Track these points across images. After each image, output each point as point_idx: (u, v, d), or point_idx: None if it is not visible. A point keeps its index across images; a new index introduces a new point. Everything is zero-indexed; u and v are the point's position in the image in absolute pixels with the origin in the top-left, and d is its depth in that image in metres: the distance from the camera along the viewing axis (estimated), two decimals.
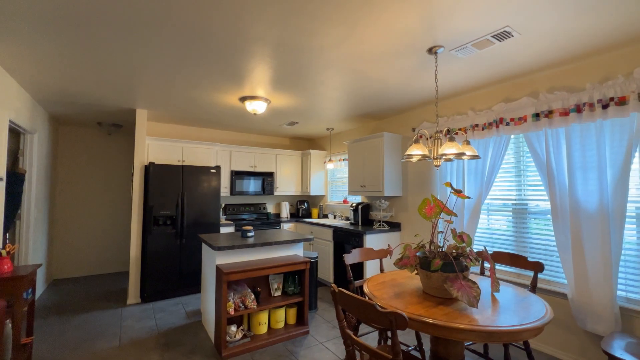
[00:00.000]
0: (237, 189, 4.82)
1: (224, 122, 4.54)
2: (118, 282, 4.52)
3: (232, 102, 3.54)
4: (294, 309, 2.96)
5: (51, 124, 4.26)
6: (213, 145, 4.56)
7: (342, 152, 5.11)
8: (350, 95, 3.28)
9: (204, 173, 4.12)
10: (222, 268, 2.55)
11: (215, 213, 4.19)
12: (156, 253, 3.75)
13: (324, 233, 4.40)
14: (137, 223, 3.77)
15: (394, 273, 2.29)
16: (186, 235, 3.95)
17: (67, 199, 4.80)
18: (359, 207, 4.29)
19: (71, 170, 4.85)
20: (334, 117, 4.23)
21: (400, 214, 3.98)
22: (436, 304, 1.67)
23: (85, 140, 4.97)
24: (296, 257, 2.99)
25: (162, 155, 4.19)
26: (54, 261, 4.67)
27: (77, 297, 3.90)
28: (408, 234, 3.86)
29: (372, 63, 2.47)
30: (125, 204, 5.25)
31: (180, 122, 4.62)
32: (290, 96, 3.32)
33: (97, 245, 4.99)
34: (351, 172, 4.36)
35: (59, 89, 3.11)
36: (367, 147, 4.07)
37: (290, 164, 5.44)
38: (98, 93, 3.22)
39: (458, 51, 2.21)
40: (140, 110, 3.85)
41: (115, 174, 5.19)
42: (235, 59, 2.40)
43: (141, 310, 3.46)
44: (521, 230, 2.81)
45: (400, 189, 3.95)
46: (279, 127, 4.85)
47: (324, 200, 5.53)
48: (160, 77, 2.79)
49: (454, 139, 1.97)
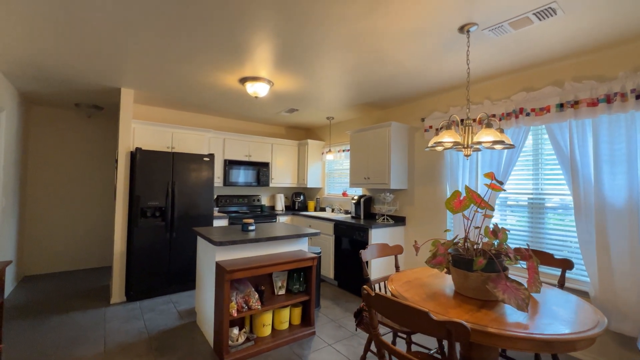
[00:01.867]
0: (230, 180, 4.52)
1: (219, 107, 4.20)
2: (99, 279, 4.15)
3: (230, 84, 3.23)
4: (299, 308, 2.75)
5: (22, 103, 3.79)
6: (206, 132, 4.23)
7: (342, 142, 4.89)
8: (358, 80, 3.05)
9: (196, 161, 3.80)
10: (224, 265, 2.29)
11: (208, 205, 3.89)
12: (143, 247, 3.43)
13: (323, 227, 4.19)
14: (121, 214, 3.42)
15: (415, 271, 2.12)
16: (177, 228, 3.64)
17: (40, 187, 4.35)
18: (362, 200, 4.10)
19: (45, 156, 4.38)
20: (336, 105, 4.00)
21: (405, 208, 3.83)
22: (477, 307, 1.50)
23: (61, 123, 4.49)
24: (302, 252, 2.77)
25: (150, 140, 3.83)
26: (24, 256, 4.22)
27: (53, 296, 3.52)
28: (413, 228, 3.71)
29: (394, 42, 2.25)
30: (106, 193, 4.83)
31: (169, 106, 4.24)
32: (295, 78, 3.06)
33: (74, 238, 4.57)
34: (353, 164, 4.15)
35: (30, 60, 2.70)
36: (372, 137, 3.87)
37: (286, 154, 5.18)
38: (77, 67, 2.84)
39: (491, 30, 2.03)
40: (126, 89, 3.47)
41: (95, 161, 4.75)
42: (239, 30, 2.12)
43: (127, 309, 3.15)
44: (537, 226, 2.71)
45: (405, 182, 3.79)
46: (277, 114, 4.57)
47: (321, 192, 5.31)
48: (150, 49, 2.46)
49: (492, 125, 1.79)
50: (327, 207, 5.01)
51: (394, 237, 3.70)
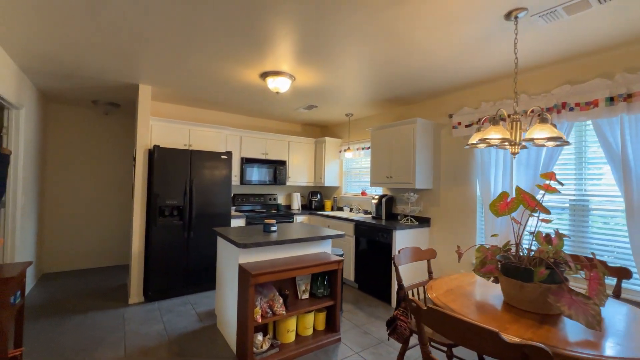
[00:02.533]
0: (247, 178, 4.43)
1: (237, 104, 4.11)
2: (116, 277, 4.12)
3: (251, 79, 3.12)
4: (323, 313, 2.63)
5: (40, 101, 3.77)
6: (223, 129, 4.14)
7: (361, 140, 4.74)
8: (383, 74, 2.89)
9: (214, 159, 3.71)
10: (248, 268, 2.18)
11: (226, 204, 3.80)
12: (161, 247, 3.36)
13: (343, 227, 4.06)
14: (140, 213, 3.36)
15: (454, 279, 1.96)
16: (194, 227, 3.56)
17: (59, 185, 4.34)
18: (383, 200, 3.95)
19: (63, 153, 4.37)
20: (356, 101, 3.85)
21: (430, 209, 3.66)
22: (537, 322, 1.34)
23: (79, 121, 4.48)
24: (326, 255, 2.65)
25: (167, 138, 3.76)
26: (43, 253, 4.23)
27: (72, 294, 3.50)
28: (439, 230, 3.54)
29: (429, 30, 2.09)
30: (123, 191, 4.80)
31: (186, 103, 4.17)
32: (317, 73, 2.92)
33: (92, 236, 4.55)
34: (374, 162, 4.00)
35: (49, 57, 2.64)
36: (395, 134, 3.71)
37: (303, 152, 5.05)
38: (96, 64, 2.77)
39: (542, 16, 1.85)
40: (144, 86, 3.39)
41: (112, 159, 4.72)
42: (260, 22, 2.00)
43: (146, 310, 3.09)
44: (580, 230, 2.52)
45: (430, 181, 3.62)
46: (295, 111, 4.45)
47: (339, 191, 5.18)
48: (169, 43, 2.36)
49: (547, 119, 1.62)
50: (345, 207, 4.87)
51: (418, 239, 3.54)
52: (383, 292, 3.45)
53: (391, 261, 3.35)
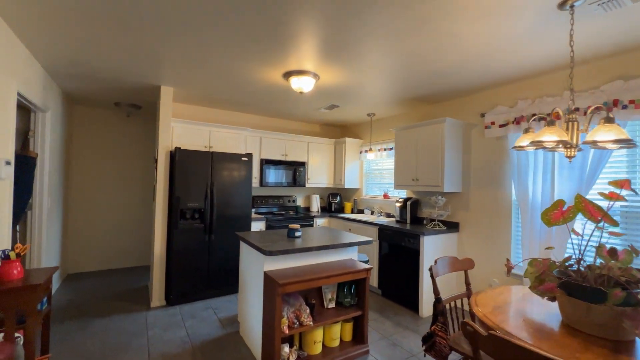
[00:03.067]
0: (266, 180, 4.35)
1: (257, 104, 4.03)
2: (138, 278, 4.13)
3: (274, 79, 3.03)
4: (350, 323, 2.51)
5: (65, 103, 3.81)
6: (242, 130, 4.08)
7: (383, 140, 4.59)
8: (412, 71, 2.74)
9: (234, 161, 3.65)
10: (274, 277, 2.09)
11: (246, 206, 3.73)
12: (183, 250, 3.32)
13: (365, 231, 3.92)
14: (161, 216, 3.33)
15: (498, 292, 1.80)
16: (215, 230, 3.51)
17: (82, 187, 4.39)
18: (408, 203, 3.79)
19: (86, 155, 4.42)
20: (380, 99, 3.70)
21: (458, 213, 3.48)
22: (611, 350, 1.18)
23: (102, 123, 4.52)
24: (353, 263, 2.52)
25: (188, 140, 3.73)
26: (68, 254, 4.29)
27: (96, 295, 3.51)
28: (468, 236, 3.36)
29: (469, 23, 1.93)
30: (144, 193, 4.82)
31: (205, 104, 4.13)
32: (342, 71, 2.80)
33: (114, 237, 4.59)
34: (399, 164, 3.85)
35: (75, 59, 2.63)
36: (422, 134, 3.54)
37: (322, 153, 4.94)
38: (119, 65, 2.74)
39: (601, 4, 1.67)
40: (166, 87, 3.36)
41: (134, 161, 4.75)
42: (285, 19, 1.90)
43: (168, 315, 3.05)
44: (636, 240, 2.30)
45: (459, 184, 3.43)
46: (315, 111, 4.34)
47: (359, 193, 5.04)
48: (191, 44, 2.29)
49: (612, 119, 1.44)
50: (366, 209, 4.73)
51: (446, 246, 3.37)
52: (409, 300, 3.30)
53: (418, 268, 3.20)
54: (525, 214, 2.80)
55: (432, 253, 3.22)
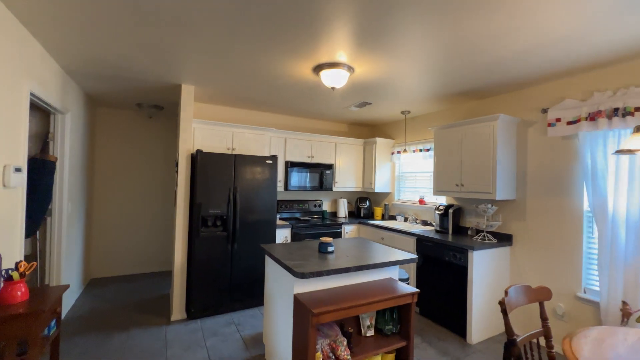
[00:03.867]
0: (292, 184, 4.07)
1: (282, 103, 3.76)
2: (160, 285, 3.98)
3: (302, 74, 2.73)
4: (392, 355, 2.16)
5: (87, 104, 3.71)
6: (266, 131, 3.82)
7: (418, 140, 4.18)
8: (459, 62, 2.34)
9: (259, 164, 3.39)
10: (307, 303, 1.78)
11: (271, 213, 3.46)
12: (204, 260, 3.10)
13: (400, 242, 3.54)
14: (182, 223, 3.12)
15: (597, 336, 1.39)
16: (238, 238, 3.27)
17: (105, 190, 4.31)
18: (450, 211, 3.38)
19: (108, 158, 4.33)
20: (419, 95, 3.30)
21: (511, 224, 3.03)
22: None
23: (124, 125, 4.42)
24: (394, 284, 2.17)
25: (210, 141, 3.51)
26: (91, 259, 4.21)
27: (117, 304, 3.37)
28: (524, 251, 2.90)
29: (550, 3, 1.53)
30: (166, 197, 4.69)
31: (228, 103, 3.90)
32: (379, 62, 2.45)
33: (137, 242, 4.49)
34: (439, 167, 3.43)
35: (92, 57, 2.45)
36: (468, 133, 3.12)
37: (350, 155, 4.60)
38: (137, 63, 2.54)
39: None
40: (187, 86, 3.15)
41: (157, 163, 4.63)
42: (317, 4, 1.57)
43: (188, 331, 2.84)
44: None
45: (513, 191, 2.98)
46: (345, 109, 4.00)
47: (390, 198, 4.65)
48: (214, 37, 2.03)
49: None
50: (398, 216, 4.34)
51: (498, 262, 2.93)
52: (454, 323, 2.89)
53: (465, 287, 2.79)
54: (603, 228, 2.33)
55: (483, 270, 2.80)
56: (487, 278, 2.84)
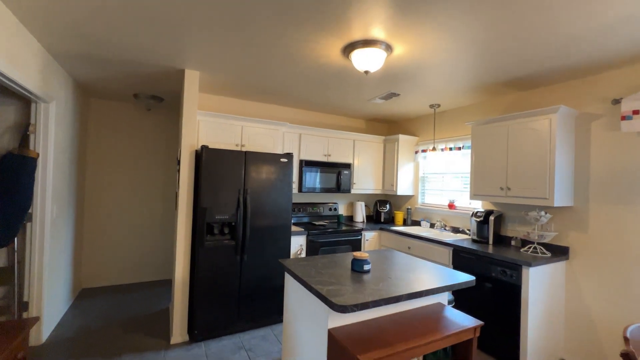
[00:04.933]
0: (306, 185, 3.65)
1: (298, 94, 3.33)
2: (159, 297, 3.56)
3: (329, 55, 2.30)
4: None
5: (78, 94, 3.29)
6: (280, 126, 3.39)
7: (448, 138, 3.74)
8: (518, 35, 1.91)
9: (272, 162, 2.96)
10: (348, 344, 1.36)
11: (286, 218, 3.04)
12: (210, 273, 2.68)
13: (432, 253, 3.11)
14: (184, 231, 2.70)
15: None
16: (248, 248, 2.85)
17: (99, 191, 3.89)
18: (491, 219, 2.95)
19: (102, 155, 3.91)
20: (454, 84, 2.87)
21: (568, 234, 2.59)
22: None
23: (120, 118, 3.99)
24: (446, 312, 1.75)
25: (216, 136, 3.09)
26: (83, 267, 3.79)
27: (109, 321, 2.95)
28: (583, 267, 2.47)
29: None
30: (167, 199, 4.27)
31: (236, 94, 3.48)
32: (423, 37, 2.01)
33: (135, 248, 4.07)
34: (478, 167, 3.00)
35: (80, 33, 2.02)
36: (517, 129, 2.69)
37: (370, 154, 4.17)
38: (132, 41, 2.11)
39: None
40: (191, 71, 2.73)
41: (155, 161, 4.21)
42: None
43: (190, 357, 2.41)
44: None
45: (571, 196, 2.55)
46: (367, 102, 3.57)
47: (413, 201, 4.22)
48: (226, 11, 1.60)
49: None
50: (423, 221, 3.91)
51: (553, 279, 2.50)
52: (504, 351, 2.46)
53: (518, 310, 2.35)
54: None
55: (539, 290, 2.37)
56: (544, 299, 2.42)
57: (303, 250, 3.30)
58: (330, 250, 3.47)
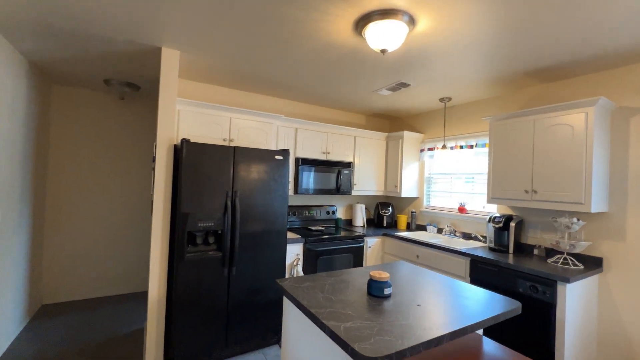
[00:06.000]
0: (303, 186, 3.26)
1: (296, 81, 2.93)
2: (132, 314, 3.10)
3: (338, 32, 1.92)
4: None
5: (35, 79, 2.79)
6: (273, 119, 2.99)
7: (458, 135, 3.42)
8: (554, 13, 1.58)
9: (266, 160, 2.56)
10: None
11: (281, 224, 2.64)
12: (191, 290, 2.26)
13: (445, 263, 2.78)
14: (160, 241, 2.27)
15: None
16: (238, 260, 2.44)
17: (64, 192, 3.38)
18: (512, 225, 2.64)
19: (68, 151, 3.41)
20: (474, 73, 2.55)
21: (601, 243, 2.30)
22: None
23: (89, 108, 3.49)
24: (488, 347, 1.40)
25: (199, 129, 2.66)
26: (43, 280, 3.28)
27: (70, 347, 2.49)
28: (620, 281, 2.19)
29: None
30: (143, 200, 3.80)
31: (222, 82, 3.05)
32: (457, 2, 1.67)
33: (106, 258, 3.58)
34: (498, 168, 2.69)
35: None
36: (545, 125, 2.38)
37: (371, 152, 3.82)
38: (100, 12, 1.67)
39: None
40: (169, 50, 2.29)
41: (131, 157, 3.72)
42: None
43: None
44: None
45: (606, 200, 2.26)
46: (372, 94, 3.21)
47: (417, 204, 3.89)
48: None
49: None
50: (429, 226, 3.58)
51: (588, 297, 2.20)
52: None
53: (550, 331, 2.04)
54: None
55: (575, 308, 2.07)
56: (579, 319, 2.11)
57: (300, 260, 2.92)
58: (329, 260, 3.10)
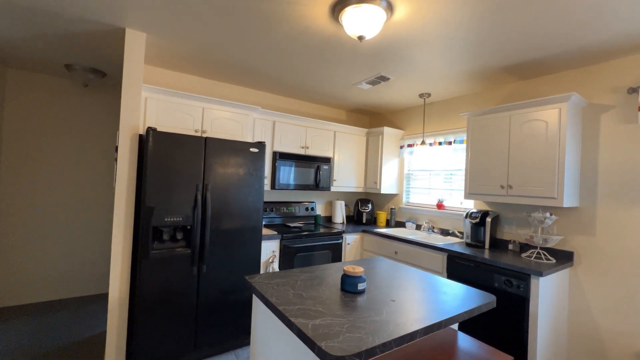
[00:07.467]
0: (281, 181, 3.16)
1: (273, 71, 2.82)
2: (95, 318, 2.90)
3: (315, 18, 1.83)
4: None
5: None
6: (250, 110, 2.88)
7: (438, 131, 3.43)
8: (529, 7, 1.58)
9: (240, 152, 2.44)
10: None
11: (256, 220, 2.53)
12: (157, 290, 2.11)
13: (422, 259, 2.76)
14: (122, 237, 2.11)
15: None
16: (208, 258, 2.31)
17: (18, 186, 3.11)
18: (488, 220, 2.65)
19: (24, 141, 3.14)
20: (452, 66, 2.54)
21: (573, 238, 2.35)
22: None
23: (48, 95, 3.23)
24: (463, 341, 1.37)
25: (168, 119, 2.51)
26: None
27: (24, 353, 2.27)
28: (589, 274, 2.23)
29: None
30: (108, 194, 3.57)
31: (195, 71, 2.90)
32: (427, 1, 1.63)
33: (67, 256, 3.33)
34: (475, 163, 2.70)
35: None
36: (521, 120, 2.40)
37: (351, 147, 3.77)
38: None
39: None
40: (134, 32, 2.13)
41: (95, 150, 3.49)
42: None
43: None
44: None
45: (576, 195, 2.31)
46: (352, 87, 3.15)
47: (397, 200, 3.88)
48: None
49: None
50: (408, 222, 3.57)
51: (559, 290, 2.24)
52: None
53: (522, 325, 2.05)
54: None
55: (547, 302, 2.09)
56: (551, 312, 2.14)
57: (276, 257, 2.82)
58: (307, 257, 3.02)
